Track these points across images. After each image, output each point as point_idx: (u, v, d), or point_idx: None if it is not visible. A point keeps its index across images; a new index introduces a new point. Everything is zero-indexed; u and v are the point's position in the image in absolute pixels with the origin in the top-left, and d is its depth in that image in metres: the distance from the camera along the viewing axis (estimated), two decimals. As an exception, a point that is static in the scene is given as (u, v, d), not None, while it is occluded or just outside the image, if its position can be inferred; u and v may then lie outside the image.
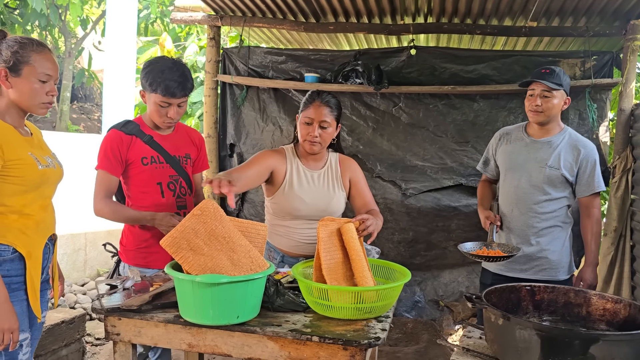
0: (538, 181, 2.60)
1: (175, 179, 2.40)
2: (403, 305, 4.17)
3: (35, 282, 1.90)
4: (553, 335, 1.36)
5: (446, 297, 4.14)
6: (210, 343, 1.72)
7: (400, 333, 3.97)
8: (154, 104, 2.27)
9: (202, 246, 1.67)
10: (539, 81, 2.52)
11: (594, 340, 1.30)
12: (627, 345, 1.32)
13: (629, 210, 3.54)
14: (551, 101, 2.54)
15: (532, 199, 2.62)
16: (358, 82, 3.86)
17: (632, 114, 3.58)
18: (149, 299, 1.81)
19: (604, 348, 1.30)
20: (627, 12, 3.50)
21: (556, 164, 2.59)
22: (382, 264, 2.07)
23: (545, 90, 2.52)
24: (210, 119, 4.29)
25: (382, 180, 4.11)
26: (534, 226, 2.62)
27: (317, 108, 2.29)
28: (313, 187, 2.38)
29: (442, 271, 4.15)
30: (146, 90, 2.28)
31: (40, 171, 1.88)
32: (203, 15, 4.17)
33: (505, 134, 2.81)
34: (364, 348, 1.61)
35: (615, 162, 3.60)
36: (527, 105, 2.61)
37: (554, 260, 2.62)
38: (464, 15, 3.78)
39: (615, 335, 1.43)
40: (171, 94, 2.23)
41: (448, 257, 4.10)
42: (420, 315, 4.16)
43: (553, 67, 2.60)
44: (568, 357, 1.32)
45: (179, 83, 2.23)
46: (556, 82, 2.52)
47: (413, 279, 4.17)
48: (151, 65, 2.27)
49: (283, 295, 1.85)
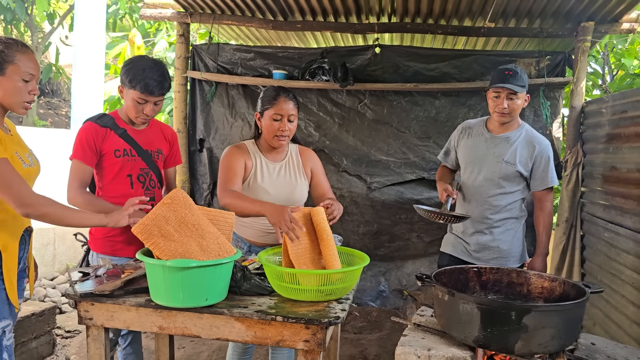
0: (494, 175, 2.72)
1: (146, 172, 2.49)
2: (368, 294, 4.32)
3: (12, 274, 1.96)
4: (491, 307, 1.51)
5: (409, 286, 4.31)
6: (180, 325, 1.82)
7: (364, 322, 4.12)
8: (131, 100, 2.36)
9: (172, 233, 1.77)
10: (505, 86, 2.60)
11: (526, 311, 1.46)
12: (555, 315, 1.48)
13: (579, 202, 3.75)
14: (516, 102, 2.65)
15: (487, 192, 2.73)
16: (324, 79, 3.98)
17: (583, 111, 3.79)
18: (121, 284, 1.89)
19: (535, 318, 1.46)
20: (578, 15, 3.70)
21: (512, 159, 2.70)
22: (342, 250, 2.20)
23: (511, 93, 2.62)
24: (179, 114, 4.35)
25: (347, 175, 4.25)
26: (488, 217, 2.75)
27: (284, 103, 2.40)
28: (276, 178, 2.49)
29: (405, 261, 4.32)
30: (125, 86, 2.36)
31: (24, 170, 1.95)
32: (172, 12, 4.22)
33: (468, 128, 2.90)
34: (325, 326, 1.73)
35: (567, 157, 3.80)
36: (493, 107, 2.69)
37: (504, 249, 2.77)
38: (426, 15, 3.93)
39: (544, 306, 1.60)
40: (149, 91, 2.32)
41: (411, 248, 4.27)
42: (385, 304, 4.32)
43: (514, 67, 2.68)
44: (505, 327, 1.48)
45: (158, 82, 2.32)
46: (520, 84, 2.62)
47: (377, 270, 4.33)
48: (133, 62, 2.37)
49: (249, 279, 1.96)
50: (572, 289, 1.72)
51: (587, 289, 1.63)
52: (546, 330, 1.47)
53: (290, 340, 1.75)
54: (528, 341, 1.47)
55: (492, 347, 1.54)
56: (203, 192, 4.43)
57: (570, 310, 1.52)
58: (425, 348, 1.58)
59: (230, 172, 2.41)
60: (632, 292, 2.89)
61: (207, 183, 4.40)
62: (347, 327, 4.04)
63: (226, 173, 2.41)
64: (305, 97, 4.25)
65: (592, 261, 3.56)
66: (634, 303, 2.85)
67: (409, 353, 1.57)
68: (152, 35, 7.52)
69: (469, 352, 1.57)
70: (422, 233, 4.22)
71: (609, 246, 3.24)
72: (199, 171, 4.45)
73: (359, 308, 4.28)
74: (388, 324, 4.02)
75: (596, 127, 3.53)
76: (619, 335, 2.98)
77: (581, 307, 1.56)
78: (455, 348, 1.59)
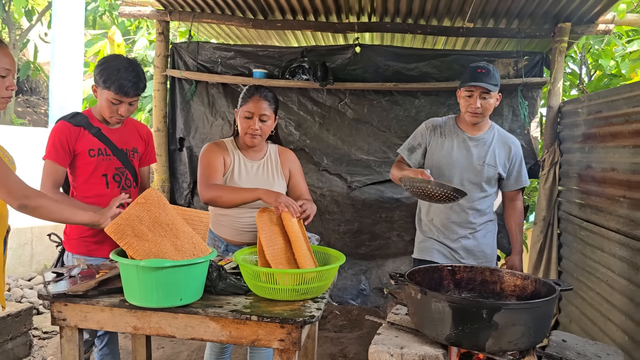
0: (478, 179, 2.66)
1: (121, 171, 2.47)
2: (349, 293, 4.34)
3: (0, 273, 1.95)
4: (463, 305, 1.53)
5: (390, 285, 4.34)
6: (155, 325, 1.82)
7: (345, 320, 4.14)
8: (105, 101, 2.33)
9: (146, 233, 1.76)
10: (478, 84, 2.53)
11: (496, 309, 1.48)
12: (524, 312, 1.50)
13: (556, 201, 3.80)
14: (489, 101, 2.59)
15: (472, 196, 2.65)
16: (305, 79, 3.98)
17: (560, 111, 3.84)
18: (95, 284, 1.88)
19: (506, 315, 1.48)
20: (555, 16, 3.75)
21: (493, 161, 2.66)
22: (319, 250, 2.21)
23: (484, 92, 2.55)
24: (159, 113, 4.32)
25: (328, 174, 4.26)
26: (472, 222, 2.70)
27: (257, 102, 2.40)
28: (254, 176, 2.49)
29: (385, 260, 4.34)
30: (99, 86, 2.33)
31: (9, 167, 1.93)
32: (152, 10, 4.19)
33: (437, 127, 2.77)
34: (300, 325, 1.73)
35: (545, 156, 3.85)
36: (465, 106, 2.61)
37: (489, 253, 2.76)
38: (406, 15, 3.95)
39: (514, 304, 1.62)
40: (124, 92, 2.29)
41: (391, 246, 4.29)
42: (365, 302, 4.34)
43: (486, 65, 2.59)
44: (476, 324, 1.49)
45: (133, 83, 2.30)
46: (493, 82, 2.55)
47: (358, 268, 4.35)
48: (107, 62, 2.33)
49: (225, 279, 1.96)
50: (543, 287, 1.75)
51: (557, 287, 1.66)
52: (516, 328, 1.49)
53: (266, 340, 1.76)
54: (498, 339, 1.50)
55: (464, 345, 1.56)
56: (183, 191, 4.40)
57: (540, 307, 1.54)
58: (398, 346, 1.60)
59: (211, 168, 2.41)
60: (606, 290, 2.94)
61: (187, 182, 4.38)
62: (327, 325, 4.05)
63: (206, 169, 2.41)
64: (286, 96, 4.25)
65: (568, 259, 3.61)
66: (608, 300, 2.90)
67: (382, 351, 1.58)
68: (132, 33, 7.45)
69: (441, 350, 1.58)
70: (402, 232, 4.24)
71: (584, 244, 3.30)
72: (179, 170, 4.42)
73: (340, 307, 4.30)
74: (368, 323, 4.04)
75: (573, 127, 3.58)
76: (594, 332, 3.03)
77: (550, 305, 1.58)
78: (428, 346, 1.61)
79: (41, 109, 11.76)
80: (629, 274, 2.66)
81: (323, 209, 4.28)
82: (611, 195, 2.91)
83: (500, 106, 4.09)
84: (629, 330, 2.62)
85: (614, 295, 2.83)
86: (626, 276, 2.69)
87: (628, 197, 2.70)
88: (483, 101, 2.57)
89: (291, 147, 4.21)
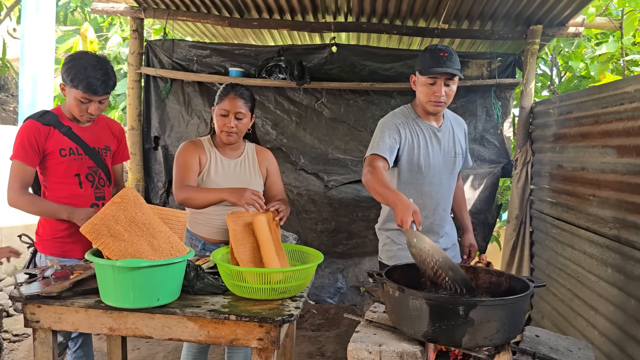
0: (453, 172, 2.52)
1: (94, 170, 2.42)
2: (326, 291, 4.35)
3: None
4: (439, 303, 1.55)
5: (367, 283, 4.37)
6: (132, 326, 1.80)
7: (322, 319, 4.15)
8: (74, 99, 2.27)
9: (122, 232, 1.74)
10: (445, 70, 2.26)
11: (472, 305, 1.51)
12: (499, 309, 1.53)
13: (529, 199, 3.88)
14: (452, 88, 2.34)
15: (449, 190, 2.53)
16: (281, 78, 3.98)
17: (532, 111, 3.92)
18: (70, 285, 1.85)
19: (481, 312, 1.51)
20: (528, 18, 3.83)
21: (460, 149, 2.52)
22: (298, 249, 2.22)
23: (448, 79, 2.30)
24: (133, 111, 4.26)
25: (305, 173, 4.27)
26: (446, 216, 2.56)
27: (232, 100, 2.41)
28: (230, 174, 2.49)
29: (362, 258, 4.37)
30: (67, 84, 2.27)
31: None
32: (125, 7, 4.13)
33: (404, 122, 2.42)
34: (278, 324, 1.74)
35: (517, 156, 3.93)
36: (428, 95, 2.32)
37: (456, 244, 2.69)
38: (382, 15, 3.99)
39: (489, 301, 1.65)
40: (93, 91, 2.24)
41: (368, 245, 4.32)
42: (343, 301, 4.36)
43: (446, 47, 2.32)
44: (452, 321, 1.52)
45: (102, 81, 2.24)
46: (457, 67, 2.29)
47: (335, 267, 4.37)
48: (74, 60, 2.26)
49: (203, 279, 1.95)
50: (517, 284, 1.79)
51: (531, 284, 1.70)
52: (491, 324, 1.52)
53: (244, 339, 1.75)
54: (474, 335, 1.52)
55: (441, 341, 1.58)
56: (158, 190, 4.35)
57: (514, 304, 1.58)
58: (377, 344, 1.61)
59: (185, 169, 2.40)
60: (577, 286, 3.02)
61: (163, 181, 4.33)
62: (305, 324, 4.06)
63: (181, 170, 2.40)
64: (263, 95, 4.24)
65: (540, 256, 3.69)
66: (579, 296, 2.97)
67: (361, 349, 1.59)
68: (105, 30, 7.32)
69: (419, 346, 1.60)
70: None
71: (555, 242, 3.38)
72: (154, 169, 4.37)
73: (317, 305, 4.31)
74: (346, 321, 4.06)
75: (544, 127, 3.66)
76: (565, 327, 3.11)
77: (524, 301, 1.62)
78: (406, 343, 1.63)
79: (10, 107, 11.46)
80: (598, 270, 2.74)
81: (300, 208, 4.29)
82: (581, 193, 2.99)
83: (474, 106, 4.17)
84: (598, 325, 2.70)
85: (584, 291, 2.91)
86: (596, 273, 2.77)
87: (597, 195, 2.77)
88: (447, 88, 2.31)
89: (268, 147, 4.18)
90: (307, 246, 2.29)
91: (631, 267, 2.40)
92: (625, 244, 2.45)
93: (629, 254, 2.42)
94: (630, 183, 2.43)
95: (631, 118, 2.43)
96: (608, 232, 2.63)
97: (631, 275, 2.40)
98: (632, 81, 2.46)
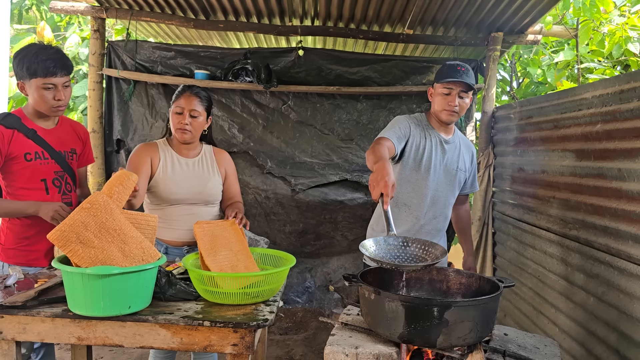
0: (452, 184, 2.56)
1: (61, 175, 2.35)
2: (294, 291, 4.35)
3: None
4: (415, 304, 1.58)
5: (335, 282, 4.39)
6: (101, 335, 1.75)
7: (290, 322, 4.15)
8: (36, 90, 2.16)
9: (92, 239, 1.69)
10: (461, 80, 2.35)
11: (447, 306, 1.54)
12: (472, 309, 1.57)
13: (491, 201, 3.99)
14: (465, 101, 2.42)
15: (446, 202, 2.57)
16: (248, 81, 3.96)
17: (493, 115, 4.03)
18: (35, 294, 1.79)
19: (455, 312, 1.54)
20: (489, 25, 3.94)
21: (463, 166, 2.59)
22: (271, 253, 2.21)
23: (462, 91, 2.39)
24: (95, 113, 4.15)
25: (272, 176, 4.25)
26: (440, 229, 2.60)
27: (187, 98, 2.42)
28: (187, 171, 2.49)
29: (330, 258, 4.39)
30: (24, 78, 2.17)
31: None
32: (86, 6, 4.02)
33: (417, 124, 2.52)
34: (253, 329, 1.73)
35: (480, 159, 4.03)
36: (442, 104, 2.42)
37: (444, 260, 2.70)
38: (348, 20, 4.02)
39: (462, 301, 1.69)
40: (52, 73, 2.14)
41: (336, 245, 4.35)
42: (311, 300, 4.37)
43: (464, 64, 2.44)
44: (427, 322, 1.55)
45: (57, 60, 2.15)
46: (472, 82, 2.39)
47: (304, 266, 4.37)
48: (23, 51, 2.17)
49: (174, 285, 1.92)
50: (487, 284, 1.84)
51: (501, 284, 1.75)
52: (465, 324, 1.56)
53: (218, 345, 1.74)
54: (449, 335, 1.56)
55: (416, 342, 1.61)
56: (121, 194, 4.25)
57: (487, 304, 1.62)
58: (353, 346, 1.62)
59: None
60: (537, 284, 3.12)
61: (125, 185, 4.22)
62: (273, 328, 4.04)
63: None
64: (229, 98, 4.20)
65: (502, 257, 3.80)
66: (540, 294, 3.07)
67: (337, 352, 1.60)
68: (62, 30, 7.11)
69: (394, 348, 1.62)
70: (346, 231, 4.32)
71: (517, 242, 3.48)
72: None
73: (284, 309, 4.30)
74: (314, 324, 4.07)
75: (505, 131, 3.77)
76: (527, 325, 3.21)
77: (496, 301, 1.67)
78: (382, 345, 1.65)
79: (-42, 108, 10.98)
80: (559, 269, 2.84)
81: (268, 210, 4.28)
82: (542, 195, 3.09)
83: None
84: (559, 322, 2.80)
85: (545, 289, 3.01)
86: (556, 272, 2.87)
87: (557, 197, 2.88)
88: (460, 100, 2.40)
89: (234, 150, 4.17)
90: (276, 247, 2.29)
91: (590, 265, 2.49)
92: (585, 243, 2.55)
93: (588, 254, 2.52)
94: (588, 185, 2.53)
95: (589, 123, 2.53)
96: (568, 232, 2.73)
97: (590, 274, 2.49)
98: (590, 88, 2.56)
